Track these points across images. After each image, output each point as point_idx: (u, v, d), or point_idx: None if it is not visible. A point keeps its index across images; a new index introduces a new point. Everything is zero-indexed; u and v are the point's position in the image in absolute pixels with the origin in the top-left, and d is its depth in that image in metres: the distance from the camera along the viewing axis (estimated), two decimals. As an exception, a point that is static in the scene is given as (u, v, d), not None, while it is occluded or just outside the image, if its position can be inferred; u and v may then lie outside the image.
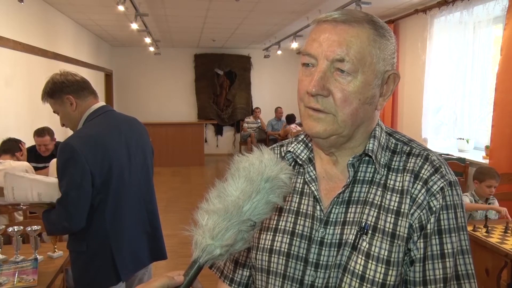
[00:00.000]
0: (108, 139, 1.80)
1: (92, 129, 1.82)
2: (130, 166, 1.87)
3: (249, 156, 0.70)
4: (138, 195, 1.92)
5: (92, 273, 1.82)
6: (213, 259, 0.64)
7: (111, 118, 1.91)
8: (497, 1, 4.03)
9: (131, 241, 1.88)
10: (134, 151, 1.90)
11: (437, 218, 0.77)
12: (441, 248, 0.77)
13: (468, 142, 4.63)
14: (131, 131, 1.93)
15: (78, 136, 1.78)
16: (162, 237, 2.07)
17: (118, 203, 1.82)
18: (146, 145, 2.00)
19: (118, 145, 1.83)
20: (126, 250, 1.85)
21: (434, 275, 0.77)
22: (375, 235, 0.78)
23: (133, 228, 1.89)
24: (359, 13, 0.79)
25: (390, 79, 0.83)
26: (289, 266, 0.84)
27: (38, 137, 3.92)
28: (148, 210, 1.99)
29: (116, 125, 1.89)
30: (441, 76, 4.91)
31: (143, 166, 1.95)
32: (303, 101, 0.81)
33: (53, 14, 5.77)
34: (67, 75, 1.88)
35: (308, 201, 0.86)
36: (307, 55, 0.80)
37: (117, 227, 1.83)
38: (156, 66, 9.95)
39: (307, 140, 0.92)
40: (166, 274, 0.66)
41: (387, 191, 0.81)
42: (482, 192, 3.02)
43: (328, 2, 5.23)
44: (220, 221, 0.64)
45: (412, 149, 0.84)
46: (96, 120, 1.85)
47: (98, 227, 1.79)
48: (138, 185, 1.92)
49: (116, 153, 1.81)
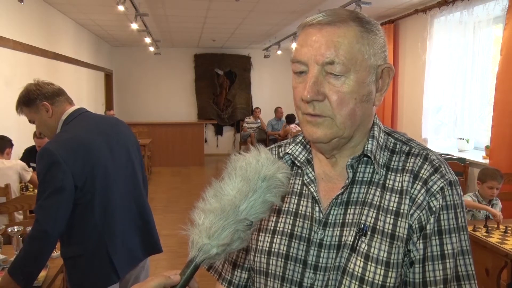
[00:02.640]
0: (87, 140, 1.79)
1: (70, 132, 1.81)
2: (114, 163, 1.85)
3: (246, 155, 0.70)
4: (126, 191, 1.90)
5: (92, 275, 1.81)
6: (209, 258, 0.64)
7: (88, 118, 1.91)
8: (497, 1, 4.03)
9: (124, 238, 1.87)
10: (115, 148, 1.88)
11: (437, 218, 0.76)
12: (441, 248, 0.76)
13: (468, 142, 4.62)
14: (110, 129, 1.92)
15: (56, 141, 1.77)
16: (155, 230, 2.05)
17: (106, 202, 1.81)
18: (128, 141, 1.98)
19: (98, 144, 1.82)
20: (121, 247, 1.85)
21: (434, 276, 0.76)
22: (374, 236, 0.77)
23: (124, 225, 1.88)
24: (343, 12, 0.78)
25: (385, 73, 0.81)
26: (287, 268, 0.83)
27: (37, 139, 3.92)
28: (138, 204, 1.97)
29: (94, 125, 1.88)
30: (441, 76, 4.91)
31: (127, 162, 1.93)
32: (300, 108, 0.80)
33: (53, 14, 5.77)
34: (42, 84, 1.89)
35: (306, 202, 0.86)
36: (297, 63, 0.79)
37: (109, 225, 1.82)
38: (156, 66, 9.95)
39: (305, 142, 0.91)
40: (162, 274, 0.66)
41: (386, 192, 0.80)
42: (484, 193, 3.01)
43: (328, 2, 5.22)
44: (216, 221, 0.63)
45: (411, 148, 0.84)
46: (73, 122, 1.85)
47: (92, 228, 1.78)
48: (124, 182, 1.90)
49: (97, 152, 1.79)
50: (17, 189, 3.29)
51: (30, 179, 3.44)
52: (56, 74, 5.75)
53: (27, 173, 3.42)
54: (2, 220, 2.89)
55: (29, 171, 3.46)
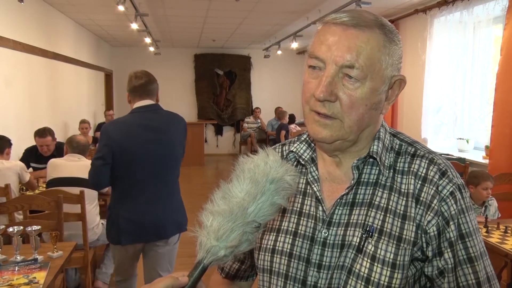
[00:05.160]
0: (127, 126, 2.30)
1: (125, 117, 2.37)
2: (148, 146, 2.27)
3: (254, 158, 0.70)
4: (153, 170, 2.29)
5: (108, 228, 2.36)
6: (217, 260, 0.64)
7: (140, 113, 2.34)
8: (497, 1, 4.03)
9: (138, 213, 2.27)
10: (154, 135, 2.29)
11: (457, 223, 0.77)
12: (467, 252, 0.76)
13: (468, 142, 4.63)
14: (158, 121, 2.35)
15: (113, 120, 2.48)
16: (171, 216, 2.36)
17: (133, 176, 2.26)
18: (173, 133, 2.38)
19: (139, 130, 2.28)
20: (130, 219, 2.27)
21: (466, 280, 0.76)
22: (381, 238, 0.77)
23: (141, 202, 2.28)
24: (369, 16, 0.77)
25: (396, 84, 0.82)
26: (291, 266, 0.83)
27: (39, 138, 3.91)
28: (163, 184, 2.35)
29: (143, 117, 2.33)
30: (441, 76, 4.92)
31: (166, 147, 2.33)
32: (308, 104, 0.79)
33: (53, 14, 5.76)
34: (131, 77, 2.37)
35: (310, 201, 0.86)
36: (314, 58, 0.78)
37: (123, 195, 2.28)
38: (156, 66, 9.90)
39: (310, 140, 0.91)
40: (170, 275, 0.66)
41: (394, 194, 0.80)
42: (479, 196, 2.99)
43: (328, 2, 5.23)
44: (225, 222, 0.64)
45: (416, 150, 0.84)
46: (132, 113, 2.35)
47: (116, 190, 2.31)
48: (154, 162, 2.29)
49: (135, 135, 2.26)
50: (16, 189, 3.28)
51: (28, 181, 3.43)
52: (56, 74, 5.74)
53: (26, 174, 3.41)
54: (2, 220, 2.88)
55: (28, 173, 3.44)
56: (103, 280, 3.28)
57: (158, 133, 2.29)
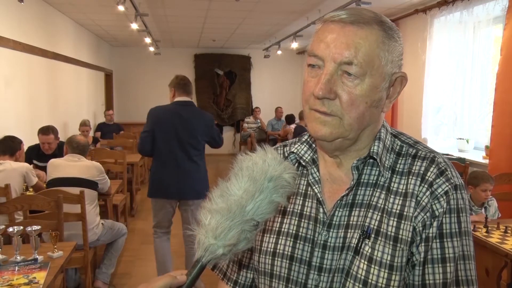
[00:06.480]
0: (165, 112, 3.18)
1: (165, 106, 3.24)
2: (176, 129, 3.11)
3: (253, 156, 0.70)
4: (179, 147, 3.12)
5: (149, 185, 3.28)
6: (215, 258, 0.64)
7: (175, 106, 3.18)
8: (497, 1, 4.03)
9: (164, 174, 3.14)
10: (180, 123, 3.12)
11: (440, 222, 0.76)
12: (442, 252, 0.75)
13: (468, 142, 4.62)
14: (186, 113, 3.15)
15: (157, 106, 3.26)
16: (191, 182, 3.16)
17: (164, 147, 3.12)
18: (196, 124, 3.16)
19: (167, 115, 3.15)
20: (157, 178, 3.18)
21: (434, 279, 0.75)
22: (377, 239, 0.76)
23: (169, 168, 3.13)
24: (367, 13, 0.77)
25: (397, 82, 0.81)
26: (292, 269, 0.82)
27: (42, 135, 3.91)
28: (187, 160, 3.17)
29: (178, 108, 3.16)
30: (441, 76, 4.91)
31: (188, 132, 3.14)
32: (308, 103, 0.79)
33: (53, 14, 5.76)
34: (177, 76, 3.26)
35: (311, 203, 0.85)
36: (313, 56, 0.77)
37: (159, 162, 3.18)
38: (156, 66, 9.94)
39: (311, 141, 0.90)
40: (169, 274, 0.66)
41: (390, 194, 0.79)
42: (478, 197, 2.98)
43: (327, 1, 5.23)
44: (223, 221, 0.63)
45: (418, 151, 0.82)
46: (174, 104, 3.20)
47: (156, 157, 3.20)
48: (178, 142, 3.12)
49: (168, 119, 3.13)
50: (20, 191, 3.22)
51: (35, 184, 3.31)
52: (56, 74, 5.74)
53: (34, 178, 3.30)
54: (2, 220, 2.88)
55: (35, 177, 3.34)
56: (103, 280, 3.27)
57: (184, 122, 3.12)
